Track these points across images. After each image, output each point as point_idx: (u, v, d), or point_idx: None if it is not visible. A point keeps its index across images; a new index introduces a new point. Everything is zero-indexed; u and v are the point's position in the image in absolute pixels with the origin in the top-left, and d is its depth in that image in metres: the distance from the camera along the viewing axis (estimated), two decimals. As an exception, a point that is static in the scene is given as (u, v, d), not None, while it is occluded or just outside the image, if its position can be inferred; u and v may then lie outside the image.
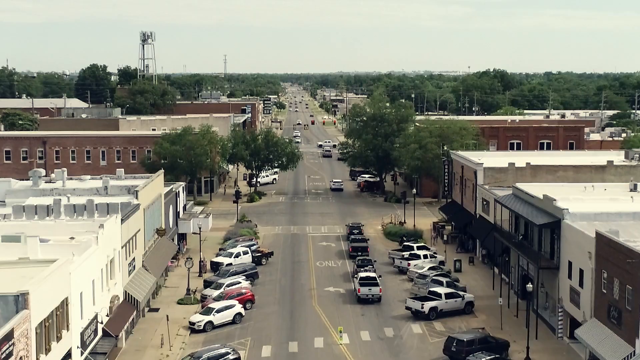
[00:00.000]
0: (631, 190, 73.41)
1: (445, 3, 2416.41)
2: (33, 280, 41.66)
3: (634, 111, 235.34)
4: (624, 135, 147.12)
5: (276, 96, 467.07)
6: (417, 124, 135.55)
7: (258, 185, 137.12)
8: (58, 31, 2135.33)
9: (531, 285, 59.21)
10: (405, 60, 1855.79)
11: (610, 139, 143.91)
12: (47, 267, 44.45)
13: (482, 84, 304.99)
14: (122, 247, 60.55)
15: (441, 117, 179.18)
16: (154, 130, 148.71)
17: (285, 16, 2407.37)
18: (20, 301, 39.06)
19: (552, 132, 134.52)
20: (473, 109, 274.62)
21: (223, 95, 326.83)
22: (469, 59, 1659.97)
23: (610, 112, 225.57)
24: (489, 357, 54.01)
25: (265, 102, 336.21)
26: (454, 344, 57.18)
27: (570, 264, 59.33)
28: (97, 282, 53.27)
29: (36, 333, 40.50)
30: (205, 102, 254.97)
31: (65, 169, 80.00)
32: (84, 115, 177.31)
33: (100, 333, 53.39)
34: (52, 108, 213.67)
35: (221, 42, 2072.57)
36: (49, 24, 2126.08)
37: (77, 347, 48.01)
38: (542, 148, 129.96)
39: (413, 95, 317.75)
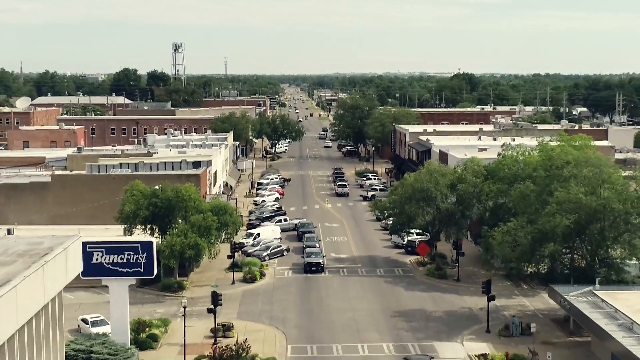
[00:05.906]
0: (478, 140, 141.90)
1: (445, 4, 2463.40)
2: (209, 157, 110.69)
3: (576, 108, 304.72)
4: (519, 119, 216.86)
5: (277, 96, 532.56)
6: (380, 110, 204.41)
7: (275, 152, 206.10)
8: (58, 32, 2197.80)
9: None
10: (402, 62, 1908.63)
11: (511, 121, 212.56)
12: (209, 156, 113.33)
13: (452, 85, 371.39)
14: (224, 161, 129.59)
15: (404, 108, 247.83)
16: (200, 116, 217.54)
17: (284, 18, 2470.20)
18: (208, 163, 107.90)
19: (469, 116, 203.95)
20: (442, 105, 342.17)
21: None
22: (465, 61, 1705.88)
23: (551, 107, 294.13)
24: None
25: (271, 100, 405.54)
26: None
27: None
28: (221, 170, 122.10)
29: (212, 176, 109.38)
30: (225, 99, 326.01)
31: (184, 128, 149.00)
32: (146, 107, 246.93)
33: (222, 190, 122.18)
34: (107, 104, 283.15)
35: (220, 44, 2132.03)
36: (48, 24, 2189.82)
37: (219, 190, 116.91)
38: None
39: (398, 95, 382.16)
